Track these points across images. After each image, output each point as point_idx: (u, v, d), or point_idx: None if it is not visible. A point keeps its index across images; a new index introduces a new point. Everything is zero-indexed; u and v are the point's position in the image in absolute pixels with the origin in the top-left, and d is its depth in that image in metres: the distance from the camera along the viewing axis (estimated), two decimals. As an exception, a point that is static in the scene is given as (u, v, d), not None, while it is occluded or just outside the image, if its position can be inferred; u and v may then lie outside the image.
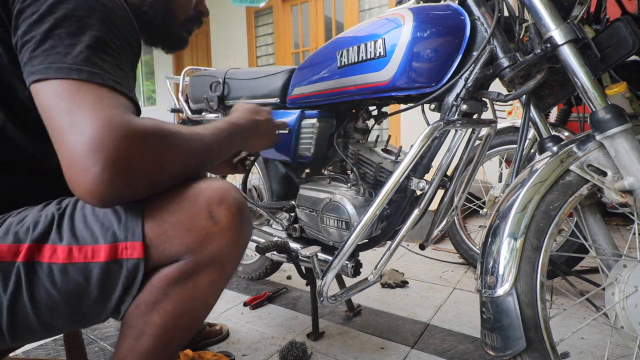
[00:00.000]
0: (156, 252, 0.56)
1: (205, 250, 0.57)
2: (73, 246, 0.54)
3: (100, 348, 1.22)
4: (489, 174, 2.16)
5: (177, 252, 0.56)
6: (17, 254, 0.52)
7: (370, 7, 3.87)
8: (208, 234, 0.56)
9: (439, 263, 2.00)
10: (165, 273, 0.57)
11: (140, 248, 0.54)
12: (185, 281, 0.57)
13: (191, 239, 0.56)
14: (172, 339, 0.60)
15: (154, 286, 0.57)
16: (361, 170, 1.04)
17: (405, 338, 1.25)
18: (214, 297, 0.63)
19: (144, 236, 0.55)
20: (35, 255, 0.53)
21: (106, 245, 0.54)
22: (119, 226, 0.55)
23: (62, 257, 0.53)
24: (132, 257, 0.55)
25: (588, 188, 0.70)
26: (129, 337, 0.59)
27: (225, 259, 0.59)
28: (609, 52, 0.93)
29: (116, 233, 0.55)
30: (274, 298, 1.58)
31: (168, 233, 0.56)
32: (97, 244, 0.54)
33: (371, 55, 0.90)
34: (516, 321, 0.63)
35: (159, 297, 0.57)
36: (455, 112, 0.86)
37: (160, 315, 0.57)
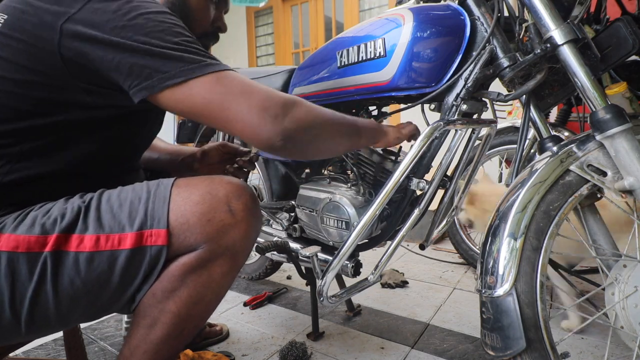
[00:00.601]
0: (178, 240, 0.59)
1: (222, 240, 0.61)
2: (100, 235, 0.57)
3: (100, 348, 1.22)
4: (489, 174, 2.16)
5: (196, 240, 0.60)
6: (45, 245, 0.55)
7: (370, 7, 3.87)
8: (226, 225, 0.61)
9: (439, 263, 2.00)
10: (183, 261, 0.60)
11: (164, 235, 0.58)
12: (201, 269, 0.61)
13: (211, 229, 0.60)
14: (184, 329, 0.63)
15: (172, 274, 0.60)
16: (361, 170, 1.04)
17: (405, 338, 1.25)
18: (226, 287, 0.67)
19: (169, 224, 0.59)
20: (63, 245, 0.56)
21: (133, 233, 0.58)
22: (146, 214, 0.59)
23: (89, 245, 0.56)
24: (156, 244, 0.58)
25: (588, 188, 0.70)
26: (142, 327, 0.62)
27: (238, 250, 0.64)
28: (609, 52, 0.93)
29: (143, 220, 0.58)
30: (274, 298, 1.58)
31: (190, 222, 0.59)
32: (124, 232, 0.58)
33: (371, 55, 0.90)
34: (516, 321, 0.63)
35: (176, 285, 0.60)
36: (455, 112, 0.86)
37: (175, 303, 0.60)
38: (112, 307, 0.62)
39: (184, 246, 0.60)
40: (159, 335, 0.62)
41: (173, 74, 0.57)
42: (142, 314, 0.62)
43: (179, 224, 0.59)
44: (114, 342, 1.25)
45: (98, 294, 0.58)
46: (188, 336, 0.66)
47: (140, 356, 0.63)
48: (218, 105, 0.58)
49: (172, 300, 0.61)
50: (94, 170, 0.69)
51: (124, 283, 0.59)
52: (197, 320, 0.66)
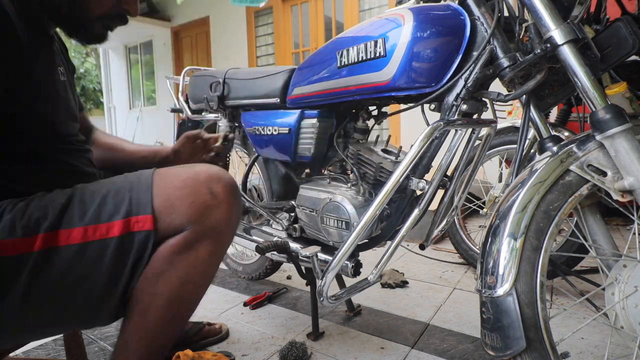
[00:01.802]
0: (164, 223, 0.62)
1: (206, 220, 0.63)
2: (88, 226, 0.58)
3: (100, 348, 1.22)
4: (489, 174, 2.16)
5: (181, 223, 0.62)
6: (33, 245, 0.55)
7: (370, 7, 3.87)
8: (208, 206, 0.63)
9: (439, 263, 2.00)
10: (171, 243, 0.62)
11: (151, 220, 0.61)
12: (188, 250, 0.63)
13: (194, 210, 0.62)
14: (176, 312, 0.65)
15: (162, 255, 0.62)
16: (361, 170, 1.04)
17: (405, 338, 1.25)
18: (213, 268, 0.69)
19: (153, 210, 0.61)
20: (52, 242, 0.56)
21: (120, 221, 0.60)
22: (130, 202, 0.61)
23: (79, 237, 0.58)
24: (143, 230, 0.60)
25: (588, 188, 0.70)
26: (136, 314, 0.64)
27: (222, 230, 0.66)
28: (609, 52, 0.93)
29: (128, 208, 0.60)
30: (274, 298, 1.58)
31: (175, 205, 0.62)
32: (111, 220, 0.59)
33: (371, 55, 0.90)
34: (516, 321, 0.63)
35: (165, 267, 0.62)
36: (455, 112, 0.86)
37: (166, 285, 0.63)
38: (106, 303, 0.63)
39: (171, 229, 0.62)
40: (153, 320, 0.64)
41: None
42: (136, 300, 0.63)
43: (164, 207, 0.62)
44: (114, 342, 1.25)
45: (92, 285, 0.59)
46: (181, 321, 0.68)
47: (135, 344, 0.65)
48: None
49: (162, 283, 0.62)
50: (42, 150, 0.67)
51: (116, 270, 0.60)
52: (188, 303, 0.68)
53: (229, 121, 1.41)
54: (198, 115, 1.54)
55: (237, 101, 1.33)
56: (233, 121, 1.42)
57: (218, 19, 5.10)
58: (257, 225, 1.41)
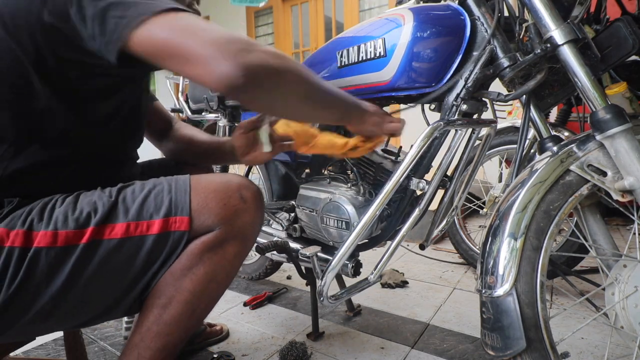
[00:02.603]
0: (198, 223, 0.66)
1: (235, 222, 0.68)
2: (130, 222, 0.63)
3: (101, 348, 1.22)
4: (489, 174, 2.16)
5: (213, 222, 0.67)
6: (82, 237, 0.60)
7: (370, 7, 3.87)
8: (238, 210, 0.69)
9: (439, 263, 2.00)
10: (202, 240, 0.67)
11: (187, 222, 0.65)
12: (217, 248, 0.68)
13: (226, 212, 0.67)
14: (196, 308, 0.68)
15: (192, 252, 0.66)
16: (361, 170, 1.04)
17: (405, 338, 1.25)
18: (236, 268, 0.73)
19: (191, 212, 0.66)
20: (98, 235, 0.61)
21: (160, 220, 0.64)
22: (170, 203, 0.65)
23: (121, 232, 0.62)
24: (179, 230, 0.65)
25: (588, 188, 0.70)
26: (156, 307, 0.66)
27: (248, 233, 0.71)
28: (609, 52, 0.93)
29: (168, 209, 0.65)
30: (274, 298, 1.58)
31: (209, 206, 0.67)
32: (152, 219, 0.64)
33: (371, 55, 0.90)
34: (516, 321, 0.63)
35: (194, 262, 0.66)
36: (455, 112, 0.86)
37: (192, 280, 0.66)
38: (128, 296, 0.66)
39: (203, 227, 0.67)
40: (173, 314, 0.66)
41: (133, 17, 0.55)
42: (158, 294, 0.66)
43: (200, 207, 0.66)
44: (114, 342, 1.25)
45: (122, 277, 0.64)
46: (198, 318, 0.71)
47: (151, 340, 0.66)
48: (176, 42, 0.54)
49: (188, 278, 0.66)
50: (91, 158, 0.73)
51: (147, 265, 0.64)
52: (209, 300, 0.71)
53: (229, 121, 1.41)
54: (198, 115, 1.54)
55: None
56: (233, 121, 1.42)
57: (218, 19, 5.10)
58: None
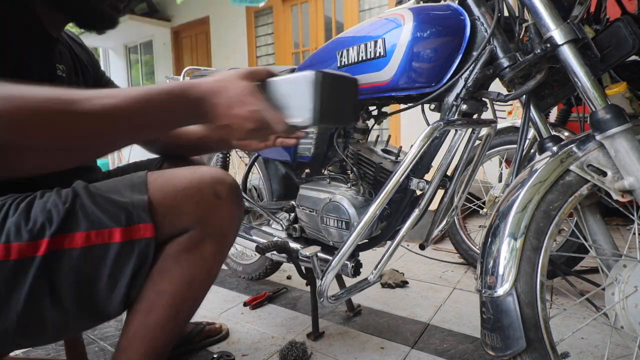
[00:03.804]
0: (168, 225, 0.63)
1: (210, 220, 0.65)
2: (91, 231, 0.59)
3: (100, 348, 1.22)
4: (489, 174, 2.16)
5: (187, 223, 0.64)
6: (38, 249, 0.55)
7: (370, 7, 3.87)
8: (213, 207, 0.65)
9: (439, 263, 2.00)
10: (177, 241, 0.64)
11: (151, 228, 0.61)
12: (193, 249, 0.65)
13: (200, 210, 0.64)
14: (179, 311, 0.67)
15: (167, 254, 0.64)
16: (361, 170, 1.04)
17: (405, 338, 1.25)
18: (216, 267, 0.71)
19: (152, 216, 0.61)
20: (56, 246, 0.56)
21: (122, 228, 0.60)
22: (130, 210, 0.60)
23: (81, 242, 0.58)
24: (144, 237, 0.61)
25: (588, 188, 0.70)
26: (139, 312, 0.65)
27: (226, 230, 0.68)
28: (609, 52, 0.93)
29: (128, 215, 0.60)
30: (274, 298, 1.58)
31: (181, 206, 0.63)
32: (113, 227, 0.59)
33: (371, 55, 0.90)
34: (516, 321, 0.63)
35: (170, 265, 0.64)
36: (455, 112, 0.86)
37: (170, 283, 0.64)
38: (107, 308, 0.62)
39: (177, 229, 0.64)
40: (156, 319, 0.65)
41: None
42: (139, 299, 0.64)
43: (169, 209, 0.62)
44: (114, 342, 1.25)
45: (92, 288, 0.60)
46: (184, 320, 0.69)
47: (138, 344, 0.65)
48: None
49: (166, 281, 0.64)
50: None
51: (117, 273, 0.60)
52: (192, 302, 0.69)
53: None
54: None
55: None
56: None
57: (218, 19, 5.10)
58: (257, 225, 1.41)
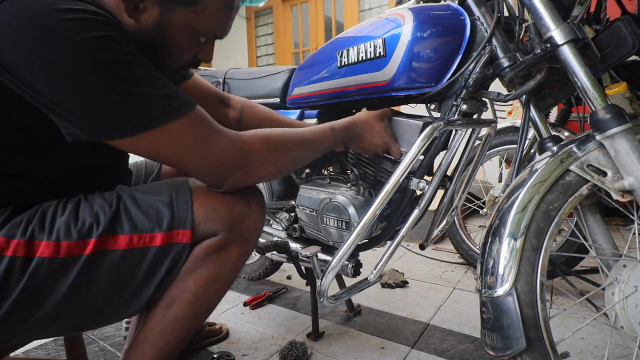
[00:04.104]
0: (202, 230, 0.67)
1: (239, 226, 0.70)
2: (134, 235, 0.63)
3: (100, 348, 1.22)
4: (489, 174, 2.16)
5: (219, 226, 0.68)
6: (85, 248, 0.59)
7: (370, 7, 3.87)
8: (244, 214, 0.71)
9: (439, 263, 2.00)
10: (206, 244, 0.68)
11: (189, 235, 0.66)
12: (220, 251, 0.69)
13: (232, 218, 0.69)
14: (198, 309, 0.70)
15: (196, 255, 0.67)
16: (361, 170, 1.04)
17: (405, 338, 1.25)
18: (237, 270, 0.74)
19: (193, 224, 0.66)
20: (101, 246, 0.61)
21: (162, 233, 0.64)
22: (172, 216, 0.65)
23: (124, 244, 0.62)
24: (182, 242, 0.65)
25: (588, 188, 0.70)
26: (159, 307, 0.68)
27: (250, 236, 0.73)
28: (609, 52, 0.93)
29: (170, 221, 0.65)
30: (274, 298, 1.58)
31: (217, 211, 0.68)
32: (154, 231, 0.64)
33: (371, 55, 0.90)
34: (516, 321, 0.63)
35: (197, 264, 0.67)
36: (455, 112, 0.86)
37: (195, 281, 0.67)
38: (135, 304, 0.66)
39: (208, 232, 0.68)
40: (176, 314, 0.67)
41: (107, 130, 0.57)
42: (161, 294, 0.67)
43: (205, 216, 0.67)
44: (114, 342, 1.25)
45: (126, 287, 0.64)
46: (201, 318, 0.72)
47: (154, 338, 0.68)
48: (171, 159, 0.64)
49: (191, 279, 0.67)
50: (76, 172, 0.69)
51: (149, 276, 0.65)
52: (211, 301, 0.73)
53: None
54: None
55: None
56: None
57: (218, 19, 5.09)
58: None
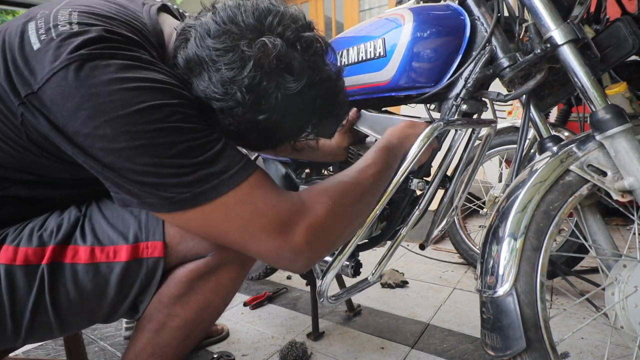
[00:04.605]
0: (181, 249, 0.60)
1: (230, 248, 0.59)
2: (95, 247, 0.56)
3: (100, 348, 1.22)
4: (489, 174, 2.16)
5: (204, 248, 0.60)
6: (42, 257, 0.54)
7: (370, 7, 3.87)
8: None
9: (439, 263, 2.00)
10: (190, 268, 0.61)
11: (161, 247, 0.58)
12: (209, 275, 0.62)
13: None
14: (191, 333, 0.64)
15: (180, 279, 0.61)
16: (361, 170, 1.04)
17: (405, 338, 1.25)
18: (232, 293, 0.68)
19: (164, 236, 0.58)
20: (59, 257, 0.55)
21: (128, 245, 0.57)
22: (140, 227, 0.58)
23: (85, 257, 0.56)
24: (152, 256, 0.58)
25: (588, 188, 0.70)
26: (148, 331, 0.62)
27: (245, 257, 0.64)
28: (609, 52, 0.93)
29: (137, 233, 0.58)
30: (274, 298, 1.58)
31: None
32: (119, 244, 0.57)
33: (371, 56, 0.90)
34: (516, 321, 0.63)
35: (183, 290, 0.61)
36: (455, 112, 0.86)
37: (184, 308, 0.61)
38: (112, 317, 0.62)
39: (191, 255, 0.60)
40: (166, 339, 0.63)
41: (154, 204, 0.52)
42: (148, 318, 0.62)
43: (180, 234, 0.59)
44: (114, 342, 1.25)
45: (96, 305, 0.58)
46: (195, 340, 0.67)
47: (145, 358, 0.64)
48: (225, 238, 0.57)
49: (179, 306, 0.61)
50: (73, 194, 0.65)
51: (120, 294, 0.59)
52: (205, 325, 0.67)
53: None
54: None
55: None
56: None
57: (218, 19, 5.08)
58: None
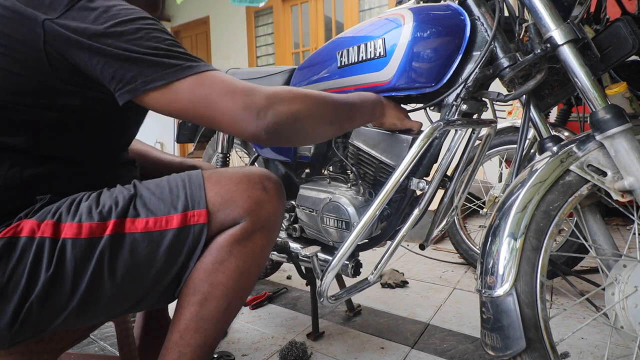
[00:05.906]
0: (221, 216, 0.67)
1: (259, 213, 0.69)
2: (150, 218, 0.64)
3: (101, 348, 1.22)
4: (489, 174, 2.16)
5: (239, 214, 0.68)
6: (105, 229, 0.61)
7: (370, 7, 3.87)
8: (262, 200, 0.69)
9: (439, 263, 2.00)
10: (230, 233, 0.68)
11: (205, 214, 0.66)
12: (245, 241, 0.68)
13: (250, 203, 0.68)
14: (231, 302, 0.70)
15: (220, 245, 0.67)
16: (361, 170, 1.04)
17: (405, 338, 1.25)
18: (264, 260, 0.74)
19: (207, 204, 0.66)
20: (119, 229, 0.62)
21: (178, 214, 0.65)
22: (186, 197, 0.66)
23: (141, 227, 0.63)
24: (198, 223, 0.66)
25: (588, 188, 0.70)
26: (193, 304, 0.68)
27: (272, 224, 0.72)
28: (609, 52, 0.93)
29: (185, 203, 0.66)
30: (274, 298, 1.58)
31: (234, 199, 0.68)
32: (170, 214, 0.65)
33: (371, 55, 0.90)
34: (516, 321, 0.63)
35: (224, 256, 0.67)
36: (455, 112, 0.86)
37: (225, 274, 0.67)
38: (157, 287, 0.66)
39: (229, 220, 0.67)
40: (210, 310, 0.67)
41: (154, 77, 0.62)
42: (193, 290, 0.67)
43: (222, 200, 0.67)
44: (114, 342, 1.25)
45: (146, 271, 0.64)
46: (234, 311, 0.72)
47: (191, 336, 0.68)
48: (203, 105, 0.64)
49: (221, 272, 0.67)
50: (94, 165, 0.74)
51: (169, 260, 0.65)
52: (242, 293, 0.72)
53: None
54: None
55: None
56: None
57: (218, 19, 5.10)
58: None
